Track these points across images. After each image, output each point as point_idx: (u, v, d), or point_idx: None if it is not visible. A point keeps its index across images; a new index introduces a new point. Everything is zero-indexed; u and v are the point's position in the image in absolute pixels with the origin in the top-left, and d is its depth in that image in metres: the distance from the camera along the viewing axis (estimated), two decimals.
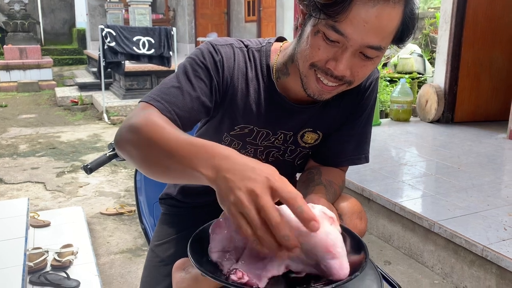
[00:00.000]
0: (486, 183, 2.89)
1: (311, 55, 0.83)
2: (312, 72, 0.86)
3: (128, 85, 6.78)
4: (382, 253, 2.56)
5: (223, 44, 0.97)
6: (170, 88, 0.89)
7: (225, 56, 0.95)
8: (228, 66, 0.95)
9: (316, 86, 0.86)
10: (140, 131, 0.76)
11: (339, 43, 0.80)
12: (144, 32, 5.95)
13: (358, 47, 0.80)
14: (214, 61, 0.94)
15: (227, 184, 0.60)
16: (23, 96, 8.21)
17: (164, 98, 0.87)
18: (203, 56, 0.94)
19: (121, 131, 0.81)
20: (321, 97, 0.89)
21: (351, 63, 0.82)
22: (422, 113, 4.84)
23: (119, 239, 2.69)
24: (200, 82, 0.92)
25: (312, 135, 1.04)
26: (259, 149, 1.03)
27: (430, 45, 6.63)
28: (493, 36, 4.59)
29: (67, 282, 2.06)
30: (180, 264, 0.92)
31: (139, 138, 0.76)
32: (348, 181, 2.93)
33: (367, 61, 0.82)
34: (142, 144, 0.75)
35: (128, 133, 0.79)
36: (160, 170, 0.73)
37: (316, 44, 0.82)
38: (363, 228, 0.99)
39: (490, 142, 3.96)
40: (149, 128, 0.75)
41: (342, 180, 1.06)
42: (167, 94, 0.88)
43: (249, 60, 0.98)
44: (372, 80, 1.04)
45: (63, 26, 14.96)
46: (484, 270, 2.08)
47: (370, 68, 0.85)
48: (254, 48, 1.00)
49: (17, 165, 4.11)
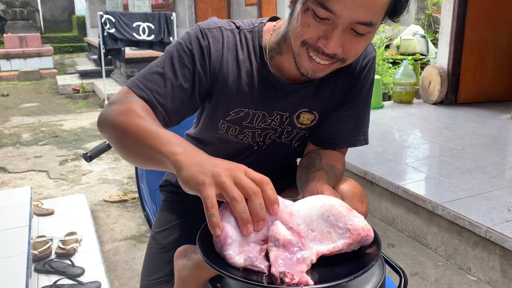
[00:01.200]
0: (490, 164, 2.87)
1: (302, 33, 0.82)
2: (304, 50, 0.84)
3: (129, 71, 6.75)
4: (386, 235, 2.56)
5: (212, 27, 0.95)
6: (154, 75, 0.91)
7: (212, 40, 0.94)
8: (216, 50, 0.94)
9: (309, 64, 0.85)
10: (118, 116, 0.82)
11: (329, 21, 0.79)
12: (144, 17, 5.89)
13: (348, 24, 0.78)
14: (200, 46, 0.93)
15: (201, 166, 0.65)
16: (24, 85, 8.20)
17: (146, 85, 0.89)
18: (190, 42, 0.93)
19: (102, 114, 0.86)
20: (315, 75, 0.88)
21: (342, 40, 0.80)
22: (425, 94, 4.80)
23: (123, 226, 2.70)
24: (184, 70, 0.91)
25: (308, 116, 1.02)
26: (256, 132, 1.02)
27: (433, 26, 6.54)
28: (498, 15, 4.52)
29: (71, 269, 2.08)
30: (182, 251, 0.92)
31: (117, 123, 0.81)
32: (351, 165, 2.92)
33: (359, 37, 0.81)
34: (119, 129, 0.81)
35: (108, 116, 0.84)
36: (133, 154, 0.80)
37: (306, 22, 0.81)
38: (364, 211, 0.98)
39: (494, 123, 3.93)
40: (127, 116, 0.81)
41: (342, 164, 1.04)
42: (150, 81, 0.90)
43: (240, 41, 0.96)
44: (369, 60, 1.02)
45: (62, 14, 14.85)
46: (487, 252, 2.08)
47: (362, 44, 0.83)
48: (246, 29, 0.98)
49: (20, 154, 4.12)
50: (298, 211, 0.69)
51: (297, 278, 0.62)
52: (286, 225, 0.67)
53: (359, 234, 0.69)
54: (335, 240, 0.69)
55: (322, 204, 0.70)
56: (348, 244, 0.69)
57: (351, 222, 0.69)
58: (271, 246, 0.67)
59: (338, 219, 0.69)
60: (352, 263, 0.69)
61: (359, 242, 0.70)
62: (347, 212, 0.70)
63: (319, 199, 0.72)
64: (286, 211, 0.69)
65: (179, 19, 10.11)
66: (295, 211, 0.69)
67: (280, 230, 0.67)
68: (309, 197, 0.74)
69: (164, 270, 1.07)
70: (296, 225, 0.67)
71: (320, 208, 0.70)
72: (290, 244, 0.66)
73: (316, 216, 0.69)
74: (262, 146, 1.06)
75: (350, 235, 0.69)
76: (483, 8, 4.44)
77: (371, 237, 0.71)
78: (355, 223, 0.69)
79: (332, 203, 0.71)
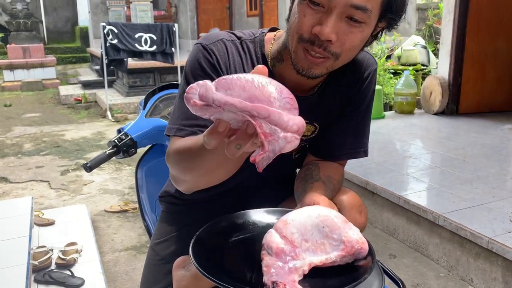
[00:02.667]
0: (492, 174, 2.86)
1: (299, 25, 0.83)
2: (300, 46, 0.85)
3: (131, 82, 6.79)
4: (387, 246, 2.55)
5: (214, 41, 0.95)
6: (186, 111, 0.90)
7: (219, 54, 0.94)
8: (224, 62, 0.94)
9: (304, 59, 0.86)
10: (175, 162, 0.86)
11: (324, 8, 0.80)
12: (146, 28, 5.94)
13: (343, 8, 0.79)
14: (211, 64, 0.93)
15: None
16: (27, 95, 8.24)
17: (184, 124, 0.91)
18: (200, 64, 0.93)
19: (170, 174, 0.92)
20: (310, 71, 0.87)
21: (337, 28, 0.81)
22: (426, 105, 4.80)
23: (124, 236, 2.69)
24: None
25: (309, 127, 1.02)
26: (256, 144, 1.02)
27: (434, 36, 6.57)
28: (498, 26, 4.54)
29: (71, 280, 2.07)
30: (180, 262, 0.92)
31: (179, 168, 0.86)
32: (352, 175, 2.91)
33: (354, 27, 0.81)
34: (182, 170, 0.86)
35: (172, 170, 0.89)
36: (206, 173, 0.81)
37: (302, 11, 0.82)
38: (363, 222, 0.98)
39: (495, 133, 3.92)
40: (178, 156, 0.85)
41: (341, 175, 1.04)
42: (185, 118, 0.91)
43: (243, 52, 0.97)
44: (370, 72, 1.02)
45: (65, 25, 14.96)
46: (489, 263, 2.07)
47: (357, 36, 0.83)
48: (248, 40, 0.99)
49: (22, 164, 4.13)
50: (293, 220, 0.69)
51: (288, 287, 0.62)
52: (280, 234, 0.67)
53: (353, 246, 0.69)
54: (329, 252, 0.69)
55: (317, 215, 0.70)
56: (341, 256, 0.69)
57: (346, 234, 0.69)
58: (264, 254, 0.67)
59: (332, 230, 0.69)
60: (345, 275, 0.69)
61: (353, 254, 0.69)
62: (342, 224, 0.70)
63: (315, 209, 0.72)
64: (281, 219, 0.69)
65: (181, 30, 10.18)
66: (290, 220, 0.69)
67: (274, 238, 0.67)
68: (305, 207, 0.74)
69: (163, 282, 1.07)
70: (290, 234, 0.67)
71: (316, 219, 0.70)
72: (283, 253, 0.66)
73: (311, 226, 0.69)
74: None
75: (344, 247, 0.69)
76: (483, 19, 4.46)
77: (365, 250, 0.70)
78: (350, 235, 0.69)
79: (328, 214, 0.71)
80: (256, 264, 0.68)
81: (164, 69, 6.70)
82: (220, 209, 1.09)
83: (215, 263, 0.70)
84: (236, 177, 1.08)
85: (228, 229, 0.81)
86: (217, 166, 0.78)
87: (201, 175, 0.82)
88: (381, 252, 2.46)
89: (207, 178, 0.83)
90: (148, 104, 1.75)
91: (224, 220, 0.83)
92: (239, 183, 1.10)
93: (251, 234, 0.81)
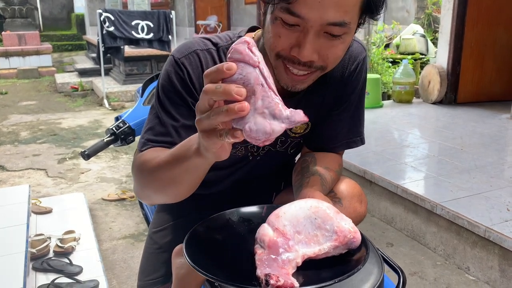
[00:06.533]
0: (489, 164, 2.87)
1: (274, 45, 0.78)
2: (280, 62, 0.80)
3: (128, 70, 6.74)
4: (385, 235, 2.56)
5: (187, 54, 0.92)
6: (156, 126, 0.90)
7: (191, 68, 0.91)
8: (197, 76, 0.91)
9: (287, 77, 0.81)
10: (143, 175, 0.84)
11: (299, 27, 0.74)
12: (143, 16, 5.88)
13: (319, 27, 0.73)
14: (181, 79, 0.90)
15: None
16: (23, 83, 8.18)
17: (153, 140, 0.89)
18: (170, 79, 0.91)
19: (135, 186, 0.90)
20: (295, 87, 0.84)
21: (316, 46, 0.75)
22: (424, 94, 4.79)
23: (121, 224, 2.69)
24: (179, 109, 0.90)
25: (301, 125, 1.01)
26: (249, 144, 1.00)
27: (433, 25, 6.53)
28: (498, 14, 4.51)
29: (69, 267, 2.07)
30: (179, 250, 0.91)
31: (146, 180, 0.84)
32: (350, 164, 2.91)
33: (335, 40, 0.76)
34: (149, 182, 0.83)
35: (136, 182, 0.88)
36: (176, 186, 0.78)
37: (277, 32, 0.77)
38: (363, 211, 0.97)
39: (493, 122, 3.93)
40: (146, 167, 0.82)
41: (339, 164, 1.03)
42: (154, 134, 0.90)
43: (219, 60, 0.93)
44: (358, 62, 0.99)
45: (61, 12, 14.80)
46: (486, 251, 2.08)
47: (340, 48, 0.78)
48: (224, 46, 0.94)
49: (19, 152, 4.11)
50: (285, 213, 0.69)
51: (282, 280, 0.61)
52: (273, 227, 0.67)
53: (345, 236, 0.68)
54: (322, 243, 0.68)
55: (309, 207, 0.70)
56: (334, 246, 0.68)
57: (338, 225, 0.69)
58: (257, 248, 0.66)
59: (325, 221, 0.69)
60: (339, 267, 0.69)
61: (346, 244, 0.69)
62: (334, 214, 0.70)
63: (306, 202, 0.72)
64: (274, 213, 0.69)
65: (178, 18, 10.09)
66: (282, 213, 0.68)
67: (266, 231, 0.66)
68: (297, 200, 0.73)
69: (161, 270, 1.07)
70: (283, 226, 0.67)
71: (307, 210, 0.69)
72: (276, 245, 0.65)
73: (303, 218, 0.68)
74: (257, 157, 1.05)
75: (337, 237, 0.68)
76: (483, 7, 4.43)
77: (358, 239, 0.70)
78: (342, 226, 0.69)
79: (319, 206, 0.70)
80: (251, 259, 0.68)
81: (161, 57, 6.64)
82: (219, 199, 1.08)
83: (208, 258, 0.69)
84: (235, 174, 1.08)
85: (222, 225, 0.80)
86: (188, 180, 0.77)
87: (173, 191, 0.80)
88: (378, 241, 2.47)
89: (178, 192, 0.80)
90: (146, 91, 1.74)
91: (218, 217, 0.82)
92: (238, 179, 1.09)
93: (246, 229, 0.80)
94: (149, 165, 0.82)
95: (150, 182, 0.83)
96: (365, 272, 0.74)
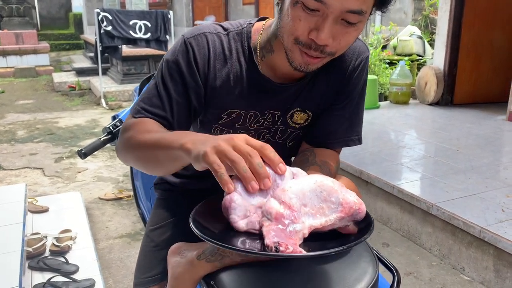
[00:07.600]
0: (485, 165, 2.88)
1: (294, 28, 0.82)
2: (297, 47, 0.84)
3: (126, 69, 6.74)
4: (380, 235, 2.57)
5: (196, 35, 0.95)
6: (153, 98, 0.94)
7: (197, 48, 0.94)
8: (202, 57, 0.94)
9: (301, 59, 0.86)
10: (130, 140, 0.89)
11: (319, 12, 0.79)
12: (141, 15, 5.88)
13: (339, 13, 0.78)
14: (187, 60, 0.93)
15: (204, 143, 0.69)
16: (20, 82, 8.16)
17: (146, 109, 0.93)
18: (176, 55, 0.94)
19: (117, 144, 0.95)
20: (307, 68, 0.88)
21: (333, 31, 0.80)
22: (421, 95, 4.81)
23: (118, 223, 2.69)
24: (176, 85, 0.93)
25: (302, 115, 1.02)
26: (250, 133, 1.02)
27: (430, 27, 6.55)
28: (494, 16, 4.53)
29: (66, 267, 2.07)
30: (175, 249, 0.92)
31: (131, 145, 0.88)
32: (346, 164, 2.92)
33: (350, 27, 0.81)
34: (133, 149, 0.88)
35: (122, 143, 0.92)
36: (154, 165, 0.86)
37: (297, 15, 0.81)
38: None
39: (489, 124, 3.95)
40: (137, 136, 0.87)
41: (337, 161, 1.04)
42: (148, 104, 0.94)
43: (228, 44, 0.96)
44: (362, 59, 1.02)
45: (59, 11, 14.77)
46: (481, 252, 2.09)
47: (353, 35, 0.83)
48: (234, 31, 0.98)
49: (15, 151, 4.11)
50: (291, 187, 0.69)
51: (291, 247, 0.62)
52: (279, 200, 0.68)
53: (351, 207, 0.70)
54: (328, 215, 0.70)
55: (314, 181, 0.71)
56: (340, 218, 0.70)
57: (343, 196, 0.70)
58: (264, 221, 0.67)
59: (330, 194, 0.70)
60: (345, 238, 0.71)
61: (351, 215, 0.71)
62: (339, 187, 0.71)
63: (311, 176, 0.73)
64: (279, 188, 0.69)
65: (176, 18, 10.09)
66: (287, 187, 0.69)
67: (273, 204, 0.67)
68: (301, 177, 0.74)
69: (158, 268, 1.07)
70: (289, 199, 0.68)
71: (313, 184, 0.70)
72: (283, 217, 0.66)
73: (309, 192, 0.69)
74: None
75: (342, 208, 0.70)
76: (479, 9, 4.46)
77: (363, 210, 0.72)
78: (347, 197, 0.70)
79: (324, 180, 0.71)
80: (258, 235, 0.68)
81: (158, 57, 6.64)
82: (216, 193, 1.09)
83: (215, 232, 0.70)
84: None
85: None
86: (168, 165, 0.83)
87: (150, 167, 0.89)
88: (374, 241, 2.48)
89: (154, 170, 0.89)
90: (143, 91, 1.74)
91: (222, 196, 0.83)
92: None
93: None
94: (138, 138, 0.87)
95: (133, 152, 0.89)
96: (360, 271, 0.75)
